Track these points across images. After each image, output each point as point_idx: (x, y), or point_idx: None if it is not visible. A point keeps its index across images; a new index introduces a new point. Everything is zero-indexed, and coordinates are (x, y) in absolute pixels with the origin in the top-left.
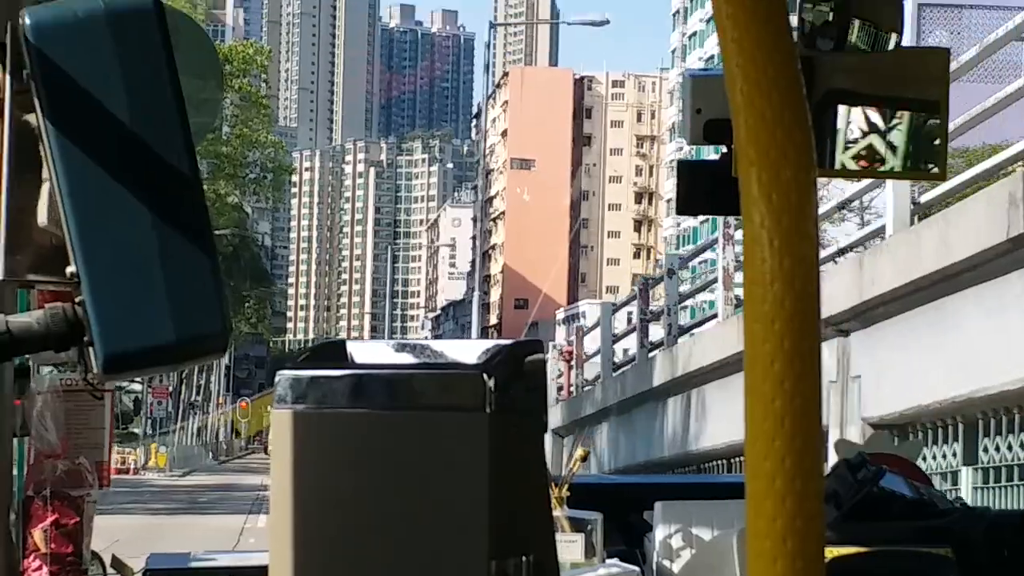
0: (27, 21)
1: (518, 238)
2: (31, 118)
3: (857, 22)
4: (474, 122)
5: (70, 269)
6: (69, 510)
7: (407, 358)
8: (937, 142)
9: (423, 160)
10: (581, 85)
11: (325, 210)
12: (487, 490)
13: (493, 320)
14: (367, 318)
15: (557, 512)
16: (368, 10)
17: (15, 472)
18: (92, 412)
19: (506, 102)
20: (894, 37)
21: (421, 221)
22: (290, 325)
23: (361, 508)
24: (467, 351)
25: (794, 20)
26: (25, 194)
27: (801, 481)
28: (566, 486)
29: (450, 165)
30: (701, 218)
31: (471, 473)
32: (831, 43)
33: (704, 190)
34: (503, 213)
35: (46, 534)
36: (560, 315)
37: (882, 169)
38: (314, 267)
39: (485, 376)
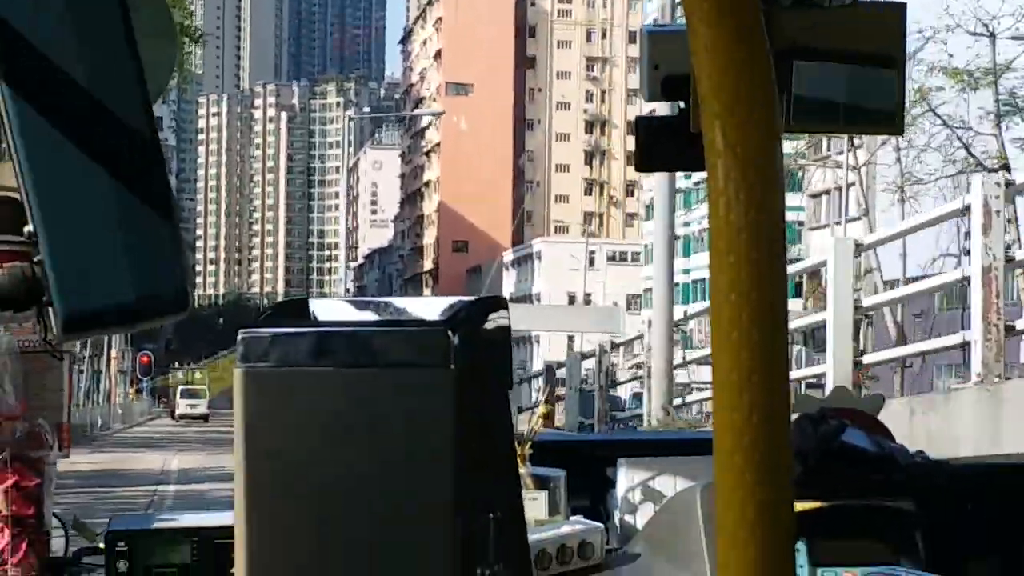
0: None
1: (455, 173)
2: None
3: None
4: (400, 47)
5: (28, 228)
6: (29, 472)
7: (370, 316)
8: (894, 96)
9: (338, 104)
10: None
11: (234, 158)
12: (452, 447)
13: (428, 265)
14: (281, 271)
15: (521, 469)
16: None
17: None
18: (50, 373)
19: (439, 19)
20: None
21: (338, 168)
22: (199, 280)
23: (325, 466)
24: (430, 308)
25: None
26: None
27: (770, 433)
28: (529, 443)
29: (367, 109)
30: None
31: (436, 430)
32: None
33: (663, 146)
34: (437, 145)
35: (7, 496)
36: (508, 257)
37: (839, 125)
38: (223, 219)
39: (449, 332)
